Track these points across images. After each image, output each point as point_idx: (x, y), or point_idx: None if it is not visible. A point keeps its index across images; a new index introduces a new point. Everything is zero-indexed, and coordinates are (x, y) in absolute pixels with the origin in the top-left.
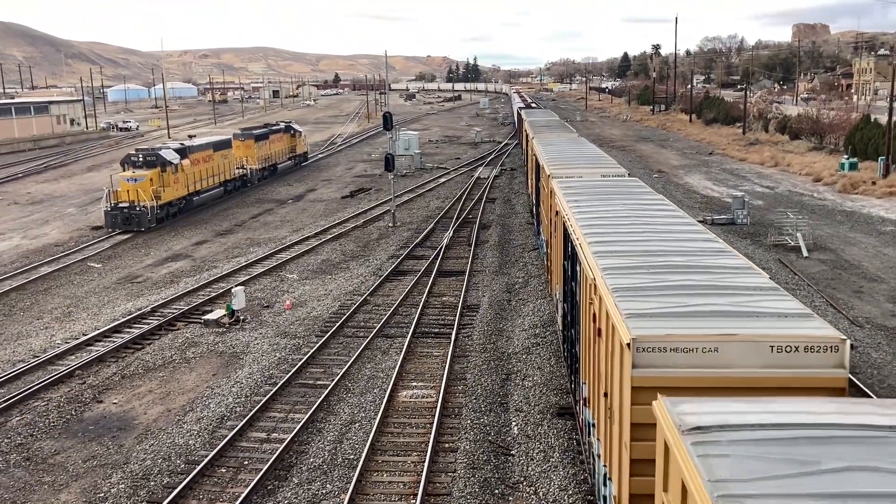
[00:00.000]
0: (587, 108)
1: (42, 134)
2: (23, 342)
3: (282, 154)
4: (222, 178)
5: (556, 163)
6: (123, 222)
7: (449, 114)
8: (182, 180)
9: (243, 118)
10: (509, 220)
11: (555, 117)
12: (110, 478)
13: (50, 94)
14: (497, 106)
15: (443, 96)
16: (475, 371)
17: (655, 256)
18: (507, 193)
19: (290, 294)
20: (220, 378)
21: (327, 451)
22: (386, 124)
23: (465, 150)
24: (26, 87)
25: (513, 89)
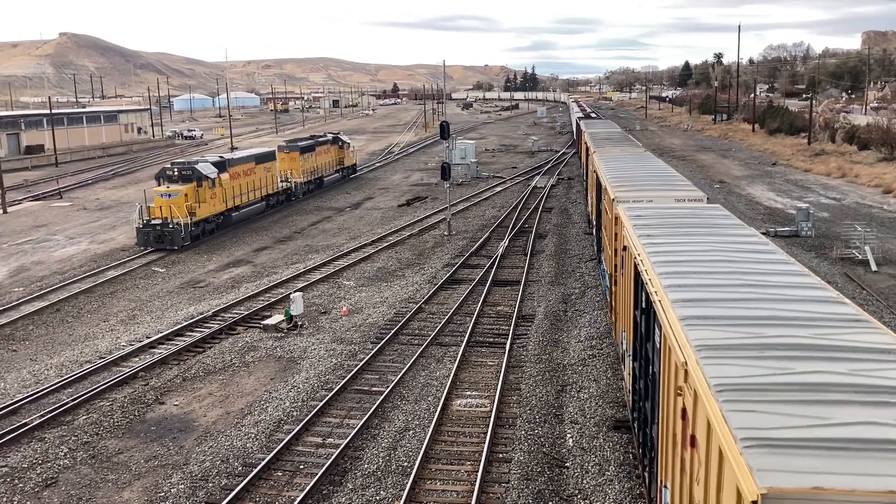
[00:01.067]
0: (647, 118)
1: (111, 142)
2: (90, 343)
3: (329, 166)
4: (264, 192)
5: (621, 183)
6: (156, 240)
7: (506, 123)
8: (219, 195)
9: (304, 127)
10: (566, 229)
11: (616, 129)
12: (171, 478)
13: (119, 103)
14: (555, 115)
15: (500, 105)
16: (530, 381)
17: (767, 327)
18: (564, 203)
19: (347, 300)
20: (277, 382)
21: (381, 458)
22: (443, 133)
23: (521, 159)
24: (97, 97)
25: (571, 98)
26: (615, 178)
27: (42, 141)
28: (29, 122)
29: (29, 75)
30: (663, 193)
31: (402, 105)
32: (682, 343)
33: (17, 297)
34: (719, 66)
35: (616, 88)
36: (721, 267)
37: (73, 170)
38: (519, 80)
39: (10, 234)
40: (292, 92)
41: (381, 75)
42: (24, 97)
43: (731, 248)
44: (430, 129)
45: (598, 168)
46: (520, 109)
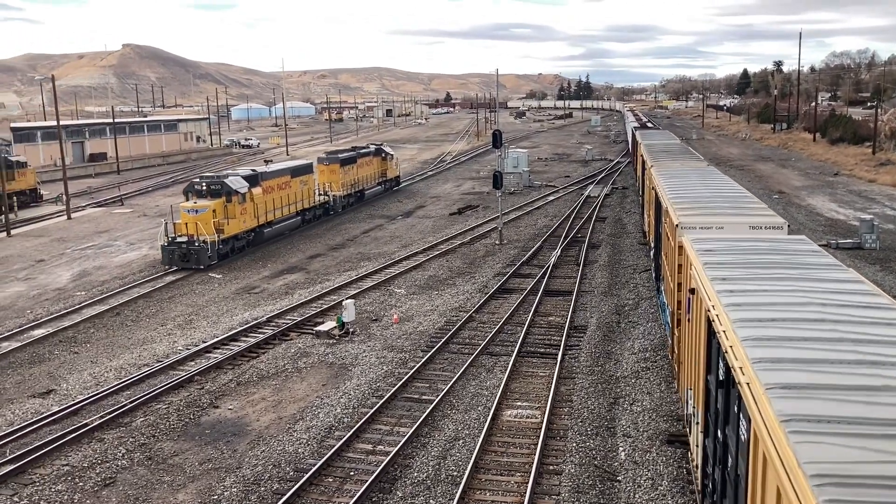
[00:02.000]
0: (704, 127)
1: (170, 150)
2: (148, 347)
3: (370, 179)
4: (300, 206)
5: (685, 205)
6: (181, 259)
7: (559, 131)
8: (250, 211)
9: (357, 136)
10: (620, 239)
11: (675, 140)
12: (224, 481)
13: (178, 112)
14: (609, 124)
15: (553, 114)
16: (581, 393)
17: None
18: (619, 212)
19: (398, 308)
20: (329, 388)
21: (431, 467)
22: (495, 142)
23: (575, 167)
24: (157, 106)
25: (626, 107)
26: (677, 198)
27: (105, 149)
28: (93, 130)
29: (94, 85)
30: (735, 219)
31: (454, 114)
32: (790, 464)
33: (80, 300)
34: (779, 74)
35: (672, 97)
36: (824, 328)
37: (134, 177)
38: (573, 89)
39: (74, 240)
40: (346, 101)
41: (434, 85)
42: (89, 107)
43: (832, 301)
44: (482, 138)
45: (657, 185)
46: (573, 118)
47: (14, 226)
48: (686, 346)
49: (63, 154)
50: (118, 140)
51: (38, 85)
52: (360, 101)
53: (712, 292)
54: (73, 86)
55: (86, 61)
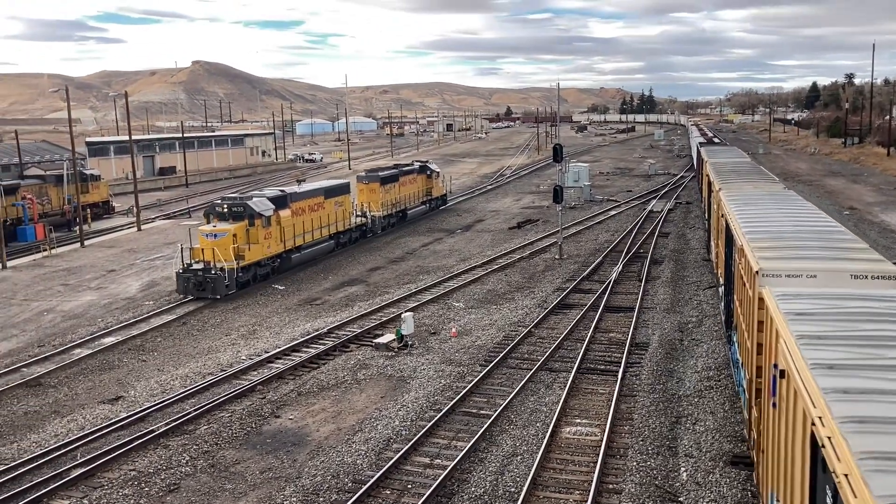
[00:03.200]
0: (771, 141)
1: (237, 164)
2: (213, 356)
3: (414, 198)
4: (334, 228)
5: (764, 244)
6: (196, 288)
7: (621, 145)
8: (276, 235)
9: (418, 150)
10: (683, 255)
11: (745, 158)
12: (284, 490)
13: (244, 127)
14: (673, 138)
15: (615, 128)
16: (643, 411)
17: None
18: (682, 228)
19: (456, 322)
20: (387, 401)
21: (489, 482)
22: (556, 156)
23: (637, 182)
24: (225, 121)
25: (690, 121)
26: (754, 232)
27: (174, 163)
28: (163, 145)
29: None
30: (831, 264)
31: (514, 128)
32: None
33: (148, 310)
34: (850, 86)
35: (738, 111)
36: None
37: (202, 190)
38: (635, 103)
39: (143, 251)
40: (406, 116)
41: (494, 99)
42: (160, 122)
43: None
44: (542, 151)
45: (728, 213)
46: (636, 132)
47: (87, 237)
48: (772, 439)
49: (134, 168)
50: (187, 154)
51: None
52: (420, 115)
53: (816, 392)
54: (144, 102)
55: (157, 78)
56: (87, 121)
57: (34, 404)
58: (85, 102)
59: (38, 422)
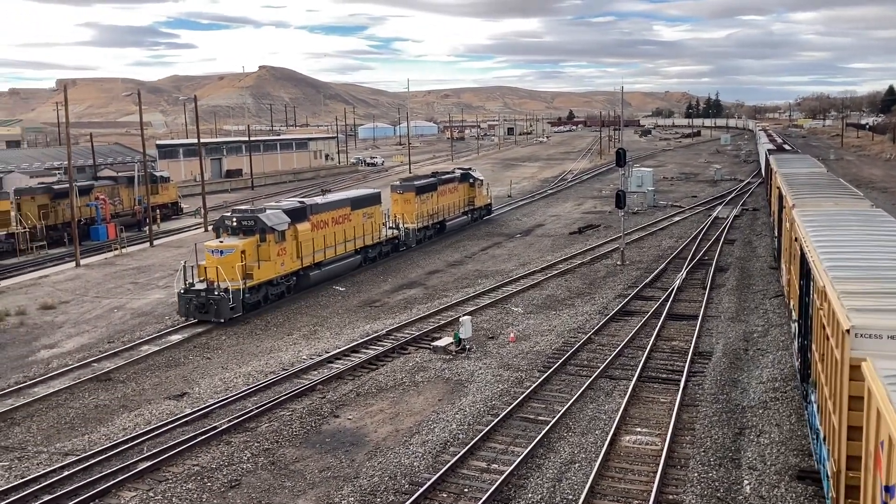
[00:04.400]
0: (843, 146)
1: (301, 167)
2: (275, 355)
3: (454, 208)
4: (361, 242)
5: (855, 286)
6: (197, 310)
7: (686, 150)
8: (291, 250)
9: (478, 154)
10: (749, 263)
11: (821, 168)
12: (342, 489)
13: (308, 131)
14: (739, 143)
15: (680, 132)
16: (705, 422)
17: None
18: (748, 235)
19: (515, 327)
20: (445, 404)
21: (546, 489)
22: (618, 160)
23: (702, 188)
24: (289, 125)
25: (758, 126)
26: (840, 267)
27: (240, 166)
28: (230, 148)
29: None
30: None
31: (577, 132)
32: None
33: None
34: None
35: (808, 115)
36: None
37: (266, 193)
38: (701, 107)
39: None
40: (467, 120)
41: (557, 103)
42: (227, 125)
43: None
44: (605, 156)
45: (804, 237)
46: (701, 136)
47: (157, 236)
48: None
49: (202, 170)
50: (253, 157)
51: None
52: (481, 119)
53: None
54: (213, 106)
55: (225, 82)
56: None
57: (104, 398)
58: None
59: (107, 415)
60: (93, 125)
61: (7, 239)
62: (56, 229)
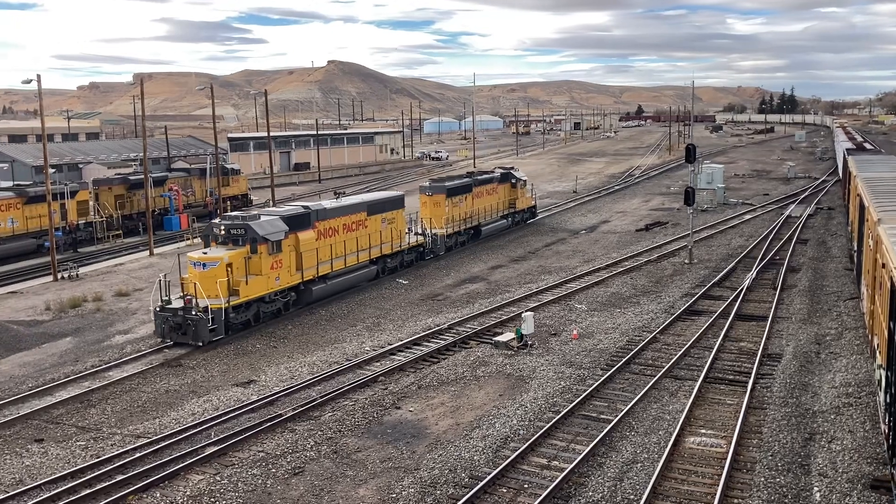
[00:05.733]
0: None
1: (366, 161)
2: (338, 346)
3: (492, 211)
4: (378, 252)
5: None
6: (173, 331)
7: (759, 147)
8: (289, 263)
9: (543, 149)
10: (823, 264)
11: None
12: (402, 480)
13: (374, 126)
14: (815, 139)
15: (753, 128)
16: (773, 425)
17: None
18: (822, 235)
19: (578, 324)
20: (506, 399)
21: (607, 488)
22: (688, 156)
23: (774, 185)
24: (356, 120)
25: (836, 123)
26: None
27: (308, 159)
28: (298, 141)
29: (300, 99)
30: None
31: (645, 127)
32: None
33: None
34: None
35: (890, 111)
36: None
37: (333, 186)
38: (775, 102)
39: None
40: (532, 115)
41: (625, 97)
42: (296, 119)
43: None
44: (674, 152)
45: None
46: (775, 133)
47: None
48: None
49: (272, 163)
50: (320, 151)
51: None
52: (547, 113)
53: None
54: (282, 100)
55: (295, 77)
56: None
57: (174, 383)
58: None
59: (177, 400)
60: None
61: (85, 228)
62: (131, 219)
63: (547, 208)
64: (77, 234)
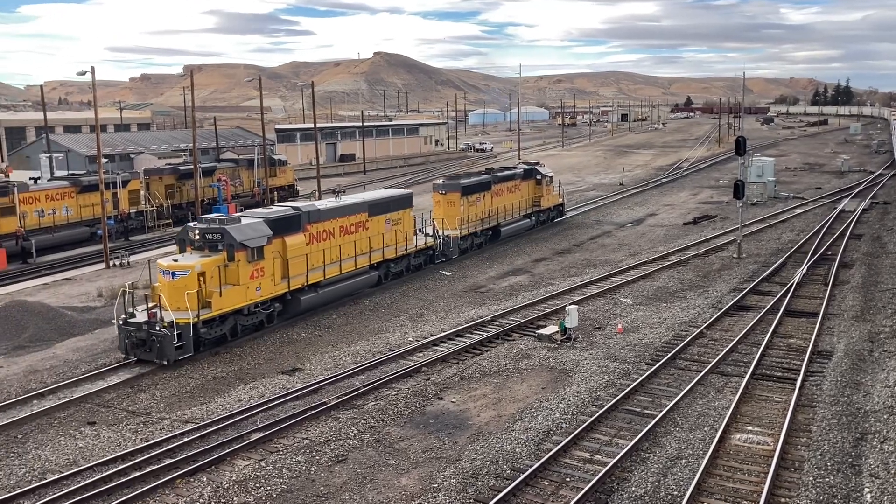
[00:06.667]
0: None
1: (411, 153)
2: (382, 336)
3: (513, 210)
4: (380, 256)
5: None
6: (136, 346)
7: (811, 139)
8: (272, 271)
9: (590, 140)
10: (878, 260)
11: None
12: (444, 471)
13: (418, 117)
14: (871, 132)
15: (805, 120)
16: (822, 424)
17: None
18: (878, 230)
19: (623, 318)
20: (548, 392)
21: (650, 483)
22: (738, 149)
23: (827, 179)
24: (401, 111)
25: (893, 115)
26: None
27: (354, 150)
28: (344, 133)
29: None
30: None
31: (694, 119)
32: None
33: None
34: None
35: None
36: None
37: (378, 177)
38: (829, 94)
39: None
40: (578, 106)
41: (674, 88)
42: (342, 111)
43: None
44: (724, 144)
45: None
46: (828, 125)
47: None
48: None
49: (318, 154)
50: (365, 142)
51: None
52: (594, 105)
53: None
54: (329, 91)
55: (341, 69)
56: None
57: (221, 370)
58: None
59: (224, 387)
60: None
61: (136, 216)
62: (181, 208)
63: (592, 200)
64: (128, 222)
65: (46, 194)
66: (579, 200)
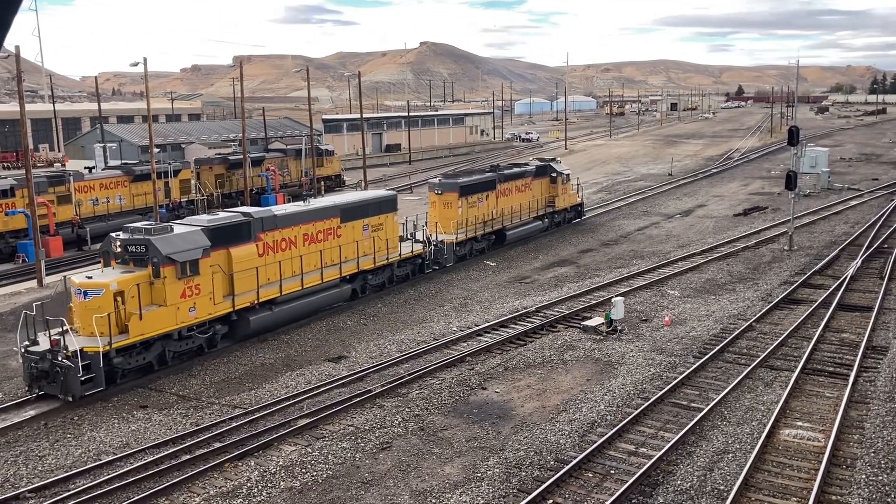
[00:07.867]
0: None
1: (456, 143)
2: (426, 325)
3: (524, 211)
4: (354, 266)
5: None
6: (37, 379)
7: (868, 129)
8: (211, 288)
9: (638, 130)
10: None
11: None
12: (487, 460)
13: (464, 107)
14: None
15: (862, 110)
16: (876, 421)
17: None
18: None
19: (670, 310)
20: (593, 384)
21: (696, 477)
22: (791, 139)
23: (885, 170)
24: (448, 101)
25: None
26: None
27: (399, 140)
28: (390, 123)
29: (393, 81)
30: None
31: (746, 108)
32: None
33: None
34: None
35: None
36: None
37: (423, 167)
38: (888, 82)
39: None
40: (625, 95)
41: (724, 77)
42: (388, 101)
43: None
44: (776, 134)
45: None
46: (887, 115)
47: None
48: None
49: (364, 144)
50: (411, 132)
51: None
52: (643, 94)
53: None
54: (375, 81)
55: (387, 59)
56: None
57: (269, 357)
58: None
59: (271, 373)
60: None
61: (187, 205)
62: (230, 197)
63: (640, 191)
64: (180, 211)
65: (101, 183)
66: (627, 191)
